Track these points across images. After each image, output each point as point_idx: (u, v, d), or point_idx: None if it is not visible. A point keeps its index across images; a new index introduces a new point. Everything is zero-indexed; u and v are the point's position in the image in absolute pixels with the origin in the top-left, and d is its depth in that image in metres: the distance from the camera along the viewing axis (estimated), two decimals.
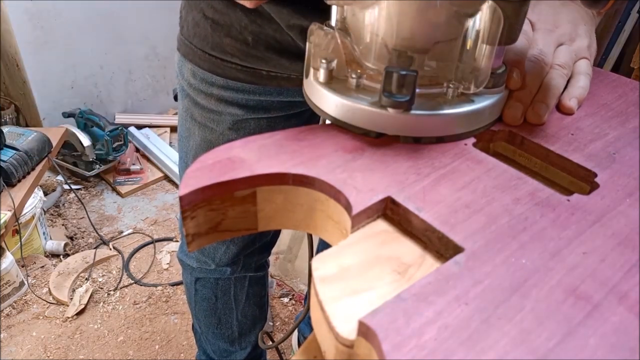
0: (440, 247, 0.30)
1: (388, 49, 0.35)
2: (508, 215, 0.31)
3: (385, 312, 0.25)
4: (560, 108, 0.43)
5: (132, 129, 2.06)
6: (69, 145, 1.73)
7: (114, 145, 1.78)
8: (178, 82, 0.72)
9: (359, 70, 0.37)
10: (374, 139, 0.37)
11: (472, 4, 0.33)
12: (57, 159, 1.72)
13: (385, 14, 0.34)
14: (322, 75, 0.37)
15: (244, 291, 0.95)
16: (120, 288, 1.48)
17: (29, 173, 1.23)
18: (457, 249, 0.29)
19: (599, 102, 0.45)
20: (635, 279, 0.27)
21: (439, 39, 0.34)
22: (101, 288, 1.48)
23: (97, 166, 1.82)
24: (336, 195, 0.33)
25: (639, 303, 0.26)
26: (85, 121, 1.76)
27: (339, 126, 0.37)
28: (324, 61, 0.37)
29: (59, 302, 1.41)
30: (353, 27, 0.37)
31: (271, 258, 1.60)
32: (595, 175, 0.35)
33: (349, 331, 0.25)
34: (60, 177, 1.83)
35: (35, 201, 1.42)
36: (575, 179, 0.37)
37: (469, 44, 0.35)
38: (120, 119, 2.08)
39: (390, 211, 0.33)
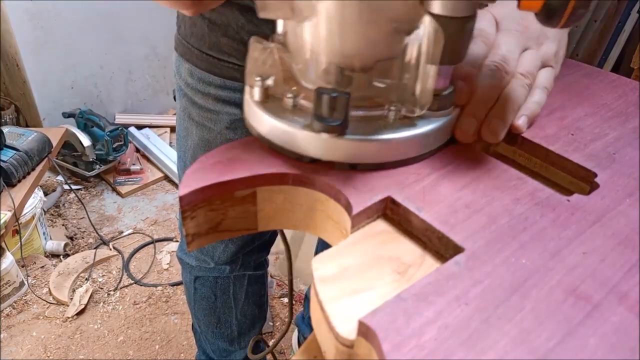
0: (440, 247, 0.30)
1: (326, 67, 0.33)
2: (508, 215, 0.31)
3: (385, 312, 0.25)
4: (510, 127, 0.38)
5: (132, 129, 2.06)
6: (69, 145, 1.73)
7: (114, 146, 1.78)
8: (176, 81, 0.72)
9: (294, 89, 0.35)
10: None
11: (410, 20, 0.30)
12: (57, 159, 1.71)
13: (320, 30, 0.31)
14: (257, 93, 0.34)
15: (243, 290, 0.95)
16: (120, 288, 1.48)
17: (29, 173, 1.23)
18: (457, 249, 0.29)
19: (599, 102, 0.45)
20: (635, 279, 0.27)
21: (379, 57, 0.32)
22: (101, 288, 1.48)
23: (97, 166, 1.82)
24: (336, 195, 0.33)
25: (639, 303, 0.26)
26: (85, 121, 1.76)
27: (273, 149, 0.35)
28: (258, 78, 0.34)
29: (59, 302, 1.41)
30: (292, 43, 0.34)
31: (271, 258, 1.60)
32: (595, 175, 0.35)
33: (349, 331, 0.25)
34: (60, 177, 1.83)
35: (36, 201, 1.42)
36: (575, 179, 0.37)
37: (410, 63, 0.32)
38: (120, 119, 2.08)
39: (390, 211, 0.33)
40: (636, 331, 0.25)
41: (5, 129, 1.26)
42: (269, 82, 0.35)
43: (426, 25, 0.30)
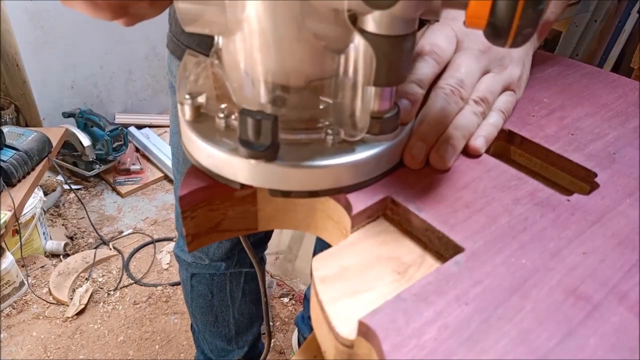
0: (440, 247, 0.30)
1: (258, 86, 0.30)
2: (508, 215, 0.31)
3: (385, 312, 0.25)
4: (466, 149, 0.36)
5: (132, 129, 2.06)
6: (69, 145, 1.73)
7: (114, 145, 1.78)
8: (168, 79, 0.73)
9: (224, 106, 0.32)
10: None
11: (338, 39, 0.28)
12: (57, 159, 1.72)
13: (247, 46, 0.29)
14: (187, 112, 0.32)
15: (239, 287, 0.95)
16: (120, 288, 1.48)
17: (29, 173, 1.22)
18: (457, 249, 0.29)
19: (599, 102, 0.45)
20: (635, 279, 0.27)
21: (311, 76, 0.29)
22: (101, 288, 1.48)
23: (97, 166, 1.82)
24: (336, 195, 0.33)
25: (639, 303, 0.26)
26: (85, 121, 1.76)
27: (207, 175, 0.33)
28: (187, 96, 0.31)
29: (59, 302, 1.41)
30: (225, 58, 0.31)
31: (271, 258, 1.60)
32: (595, 175, 0.35)
33: (349, 331, 0.25)
34: (60, 177, 1.83)
35: (35, 201, 1.42)
36: (575, 179, 0.37)
37: (345, 84, 0.29)
38: (120, 119, 2.08)
39: (390, 211, 0.33)
40: (636, 331, 0.25)
41: (5, 129, 1.26)
42: (201, 99, 0.32)
43: (357, 44, 0.27)
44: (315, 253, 1.13)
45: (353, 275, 0.29)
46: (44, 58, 1.79)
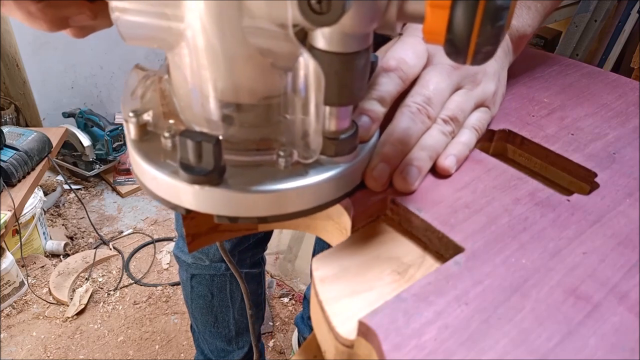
0: (440, 247, 0.30)
1: (204, 104, 0.28)
2: (508, 215, 0.31)
3: (385, 312, 0.25)
4: (435, 168, 0.35)
5: None
6: (69, 145, 1.73)
7: (114, 145, 1.78)
8: None
9: (172, 122, 0.30)
10: None
11: (286, 56, 0.26)
12: (57, 159, 1.72)
13: (191, 60, 0.27)
14: (131, 130, 0.30)
15: (239, 288, 0.95)
16: (120, 288, 1.48)
17: (29, 173, 1.22)
18: (457, 249, 0.29)
19: (599, 102, 0.45)
20: (635, 279, 0.27)
21: (262, 94, 0.27)
22: (101, 288, 1.48)
23: (97, 166, 1.82)
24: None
25: (639, 303, 0.26)
26: (85, 121, 1.76)
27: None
28: (132, 114, 0.29)
29: (59, 302, 1.42)
30: (172, 73, 0.29)
31: (271, 258, 1.60)
32: (595, 175, 0.35)
33: (349, 331, 0.25)
34: (60, 177, 1.83)
35: (35, 201, 1.42)
36: (575, 179, 0.37)
37: (296, 103, 0.27)
38: (120, 118, 2.08)
39: (390, 211, 0.33)
40: (636, 331, 0.25)
41: (5, 129, 1.26)
42: (147, 117, 0.30)
43: (306, 61, 0.25)
44: (315, 253, 1.13)
45: (353, 275, 0.29)
46: (44, 58, 1.79)
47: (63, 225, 1.69)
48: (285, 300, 1.48)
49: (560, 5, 1.55)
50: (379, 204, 0.32)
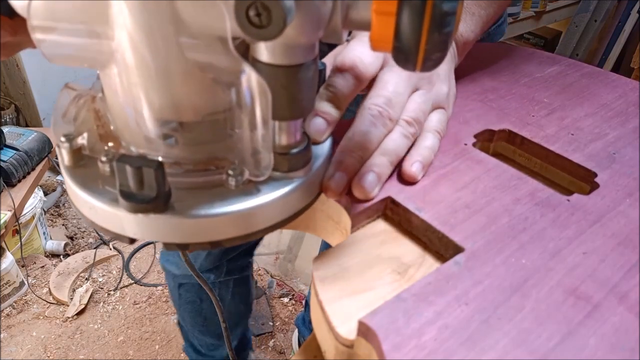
0: (440, 247, 0.30)
1: (142, 122, 0.26)
2: (508, 215, 0.31)
3: (385, 312, 0.25)
4: (401, 175, 0.34)
5: None
6: None
7: None
8: None
9: (110, 146, 0.28)
10: None
11: (227, 71, 0.24)
12: (57, 158, 1.71)
13: (126, 78, 0.24)
14: (65, 156, 0.27)
15: (229, 292, 0.95)
16: (121, 288, 1.48)
17: (29, 173, 1.22)
18: (457, 249, 0.29)
19: (599, 102, 0.45)
20: (635, 279, 0.27)
21: (204, 110, 0.25)
22: (101, 288, 1.48)
23: None
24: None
25: (639, 303, 0.26)
26: None
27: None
28: (63, 139, 0.27)
29: (59, 302, 1.42)
30: (106, 92, 0.27)
31: (271, 258, 1.60)
32: (595, 175, 0.35)
33: (349, 331, 0.25)
34: (60, 177, 1.83)
35: (36, 201, 1.42)
36: (575, 179, 0.37)
37: (241, 118, 0.26)
38: None
39: (390, 211, 0.33)
40: (636, 331, 0.25)
41: (5, 129, 1.26)
42: (81, 140, 0.27)
43: (249, 75, 0.23)
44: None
45: (353, 275, 0.29)
46: (44, 58, 1.78)
47: (63, 225, 1.69)
48: (285, 300, 1.48)
49: (560, 6, 1.55)
50: (379, 204, 0.32)
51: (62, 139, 0.27)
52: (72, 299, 1.41)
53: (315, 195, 0.31)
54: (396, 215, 0.32)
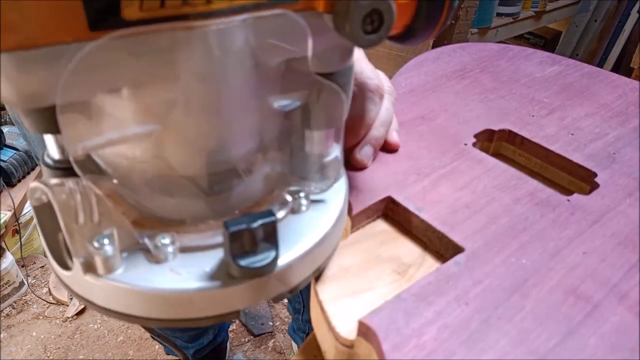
0: (440, 247, 0.30)
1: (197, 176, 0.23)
2: (508, 215, 0.31)
3: (385, 312, 0.25)
4: (386, 146, 0.36)
5: None
6: None
7: None
8: None
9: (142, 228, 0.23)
10: None
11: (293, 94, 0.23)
12: None
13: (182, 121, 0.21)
14: (100, 266, 0.21)
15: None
16: None
17: (29, 173, 1.23)
18: (457, 249, 0.29)
19: (599, 102, 0.45)
20: (635, 279, 0.27)
21: (262, 143, 0.24)
22: None
23: None
24: None
25: (639, 303, 0.26)
26: None
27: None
28: (96, 245, 0.21)
29: (59, 302, 1.41)
30: (115, 161, 0.22)
31: None
32: (595, 175, 0.35)
33: (349, 331, 0.25)
34: None
35: None
36: (575, 179, 0.37)
37: (312, 136, 0.25)
38: None
39: (390, 211, 0.33)
40: (636, 331, 0.25)
41: (5, 129, 1.26)
42: (108, 248, 0.21)
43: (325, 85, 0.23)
44: None
45: (353, 275, 0.29)
46: None
47: None
48: (286, 300, 1.48)
49: (560, 5, 1.55)
50: (379, 204, 0.32)
51: (95, 245, 0.21)
52: (72, 299, 1.41)
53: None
54: (396, 215, 0.32)
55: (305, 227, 0.25)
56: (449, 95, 0.45)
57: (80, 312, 1.39)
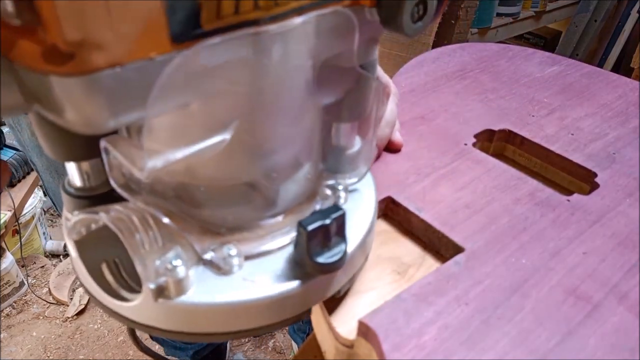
0: (440, 247, 0.30)
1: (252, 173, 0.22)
2: (508, 215, 0.31)
3: (385, 312, 0.25)
4: (389, 146, 0.37)
5: None
6: None
7: None
8: None
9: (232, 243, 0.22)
10: None
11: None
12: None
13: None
14: (172, 287, 0.21)
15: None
16: None
17: (28, 173, 1.23)
18: (457, 249, 0.29)
19: (599, 102, 0.45)
20: (635, 279, 0.27)
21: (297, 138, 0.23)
22: None
23: None
24: None
25: (639, 303, 0.26)
26: None
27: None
28: (170, 266, 0.20)
29: (59, 302, 1.41)
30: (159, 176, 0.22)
31: None
32: (595, 175, 0.35)
33: (349, 331, 0.25)
34: None
35: (35, 201, 1.42)
36: (575, 179, 0.37)
37: (346, 129, 0.25)
38: None
39: (390, 211, 0.33)
40: (636, 331, 0.25)
41: (5, 129, 1.26)
42: (180, 269, 0.21)
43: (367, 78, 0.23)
44: None
45: None
46: None
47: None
48: None
49: (560, 5, 1.55)
50: (379, 204, 0.32)
51: (168, 266, 0.20)
52: (72, 299, 1.41)
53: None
54: (396, 215, 0.32)
55: (350, 218, 0.24)
56: (449, 95, 0.45)
57: (80, 312, 1.39)
